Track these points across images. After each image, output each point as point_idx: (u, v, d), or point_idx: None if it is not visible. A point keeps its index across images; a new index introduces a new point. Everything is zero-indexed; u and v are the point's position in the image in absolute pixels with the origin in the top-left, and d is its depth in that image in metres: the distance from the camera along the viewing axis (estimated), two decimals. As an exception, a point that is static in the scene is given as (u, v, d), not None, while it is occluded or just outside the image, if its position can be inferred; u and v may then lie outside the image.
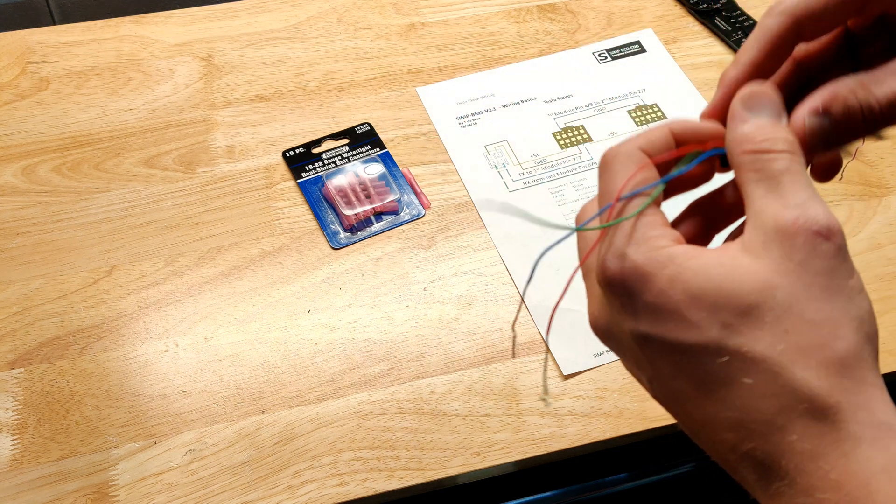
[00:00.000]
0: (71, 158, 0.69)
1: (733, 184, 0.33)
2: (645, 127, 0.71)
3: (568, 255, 0.65)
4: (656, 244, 0.28)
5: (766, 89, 0.30)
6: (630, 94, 0.74)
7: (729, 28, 0.79)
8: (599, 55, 0.78)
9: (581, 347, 0.58)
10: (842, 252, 0.27)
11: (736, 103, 0.31)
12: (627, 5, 0.82)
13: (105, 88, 0.74)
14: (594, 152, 0.70)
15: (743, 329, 0.27)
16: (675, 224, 0.34)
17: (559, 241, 0.32)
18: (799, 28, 0.32)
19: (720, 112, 0.33)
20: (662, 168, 0.32)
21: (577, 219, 0.33)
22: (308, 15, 0.81)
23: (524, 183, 0.68)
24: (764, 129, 0.29)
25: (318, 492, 0.51)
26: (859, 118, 0.30)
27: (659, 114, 0.72)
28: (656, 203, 0.30)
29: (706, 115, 0.34)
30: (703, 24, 0.80)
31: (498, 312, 0.60)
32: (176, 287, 0.61)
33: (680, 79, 0.75)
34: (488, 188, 0.67)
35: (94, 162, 0.68)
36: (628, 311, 0.29)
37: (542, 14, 0.81)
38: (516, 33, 0.80)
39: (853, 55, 0.34)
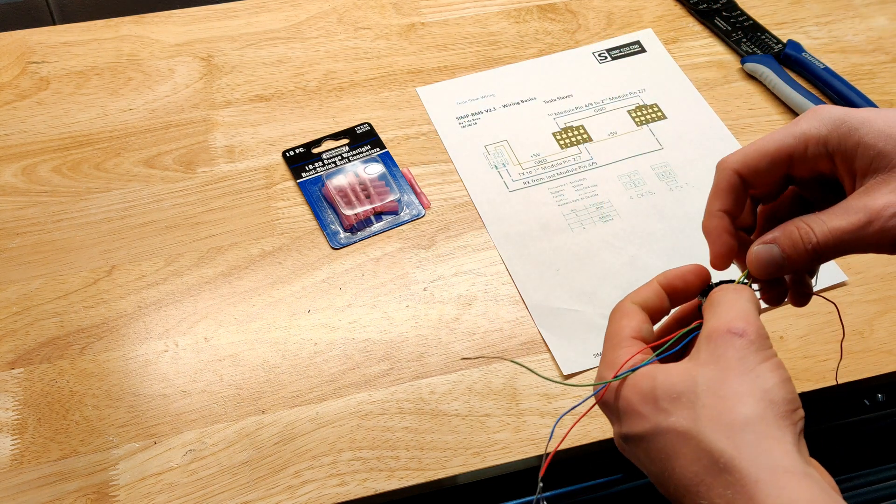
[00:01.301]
0: (71, 158, 0.69)
1: None
2: (645, 128, 0.71)
3: (567, 256, 0.65)
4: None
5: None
6: (630, 93, 0.74)
7: (729, 28, 0.79)
8: (599, 55, 0.78)
9: (581, 347, 0.58)
10: (754, 345, 0.34)
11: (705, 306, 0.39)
12: (627, 5, 0.82)
13: (105, 88, 0.74)
14: (594, 152, 0.70)
15: (673, 410, 0.34)
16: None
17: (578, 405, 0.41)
18: (743, 179, 0.39)
19: (727, 257, 0.41)
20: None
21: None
22: (308, 15, 0.81)
23: (524, 183, 0.68)
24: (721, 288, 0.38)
25: (318, 492, 0.51)
26: (802, 250, 0.37)
27: (659, 113, 0.72)
28: (636, 336, 0.39)
29: (717, 265, 0.41)
30: (703, 24, 0.80)
31: (498, 312, 0.60)
32: (176, 287, 0.61)
33: (680, 79, 0.75)
34: (488, 188, 0.67)
35: (94, 162, 0.68)
36: (612, 420, 0.38)
37: (542, 14, 0.81)
38: (516, 33, 0.80)
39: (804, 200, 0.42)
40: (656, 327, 0.41)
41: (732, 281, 0.40)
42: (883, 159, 0.37)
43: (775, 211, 0.43)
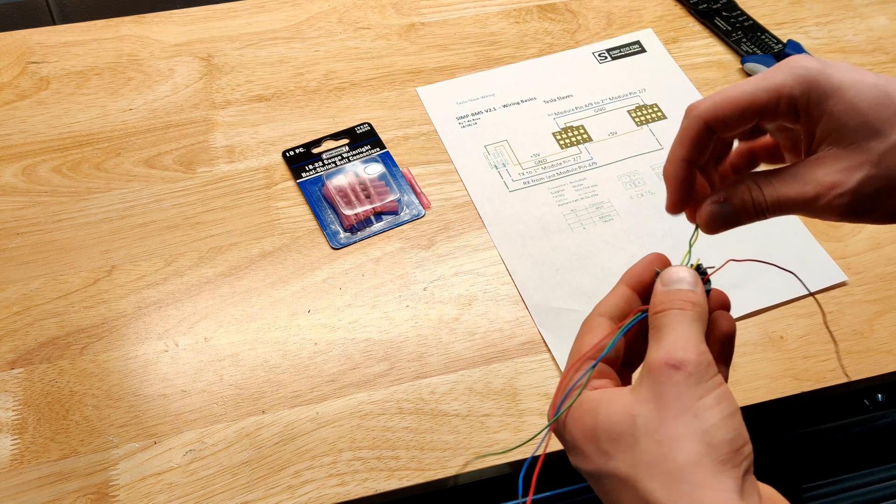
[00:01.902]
0: (71, 158, 0.69)
1: None
2: (645, 128, 0.71)
3: (567, 256, 0.65)
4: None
5: (682, 268, 0.38)
6: (630, 93, 0.74)
7: (729, 28, 0.79)
8: (599, 55, 0.78)
9: (581, 347, 0.57)
10: (692, 378, 0.33)
11: (657, 281, 0.38)
12: (627, 5, 0.82)
13: (105, 88, 0.74)
14: (594, 152, 0.70)
15: (614, 453, 0.33)
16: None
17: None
18: (709, 128, 0.39)
19: (681, 205, 0.41)
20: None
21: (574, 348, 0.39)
22: (308, 15, 0.81)
23: (524, 183, 0.68)
24: (661, 295, 0.37)
25: (318, 492, 0.51)
26: (752, 211, 0.38)
27: (659, 113, 0.72)
28: (594, 356, 0.38)
29: (671, 211, 0.41)
30: (703, 24, 0.80)
31: (498, 312, 0.60)
32: (176, 287, 0.61)
33: (680, 79, 0.75)
34: (488, 188, 0.67)
35: (94, 162, 0.68)
36: (565, 448, 0.37)
37: (542, 14, 0.81)
38: (516, 33, 0.80)
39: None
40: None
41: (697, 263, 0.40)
42: (843, 134, 0.37)
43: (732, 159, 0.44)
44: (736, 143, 0.43)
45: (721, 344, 0.39)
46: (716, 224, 0.39)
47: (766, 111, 0.38)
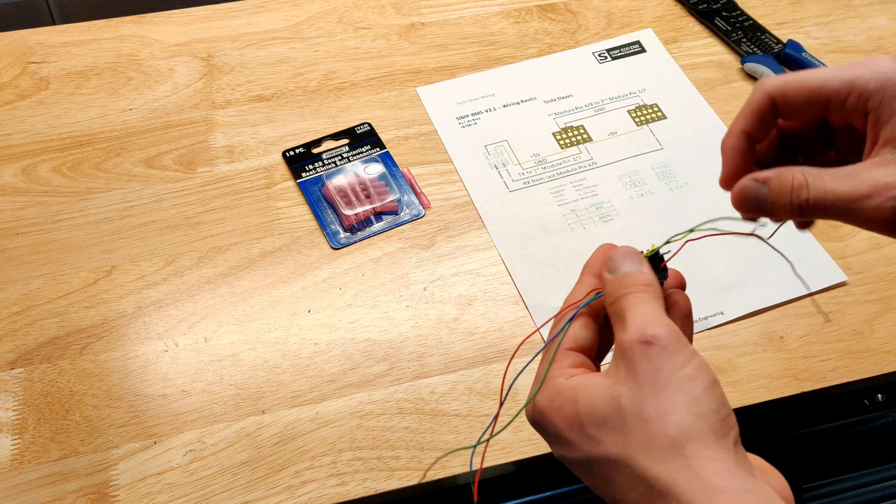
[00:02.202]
0: (71, 158, 0.69)
1: None
2: (645, 128, 0.71)
3: (567, 256, 0.65)
4: (553, 383, 0.36)
5: (622, 250, 0.37)
6: (630, 93, 0.74)
7: (729, 28, 0.79)
8: (599, 55, 0.78)
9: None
10: (666, 350, 0.33)
11: (603, 269, 0.37)
12: (627, 5, 0.82)
13: (105, 88, 0.74)
14: (594, 152, 0.70)
15: (601, 437, 0.33)
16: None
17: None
18: (775, 107, 0.37)
19: (734, 180, 0.38)
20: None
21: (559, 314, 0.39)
22: (308, 15, 0.81)
23: (524, 183, 0.67)
24: (613, 283, 0.36)
25: (318, 492, 0.51)
26: (787, 201, 0.36)
27: (659, 113, 0.72)
28: (572, 346, 0.37)
29: (723, 185, 0.39)
30: (703, 24, 0.80)
31: (498, 312, 0.60)
32: (176, 287, 0.61)
33: (680, 79, 0.75)
34: (488, 188, 0.67)
35: (94, 162, 0.68)
36: (547, 440, 0.36)
37: (542, 14, 0.81)
38: (516, 33, 0.80)
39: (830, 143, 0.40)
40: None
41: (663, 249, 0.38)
42: None
43: (796, 136, 0.41)
44: None
45: (682, 320, 0.38)
46: (746, 203, 0.37)
47: (834, 101, 0.36)
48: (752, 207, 0.37)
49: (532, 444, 0.53)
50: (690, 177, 0.68)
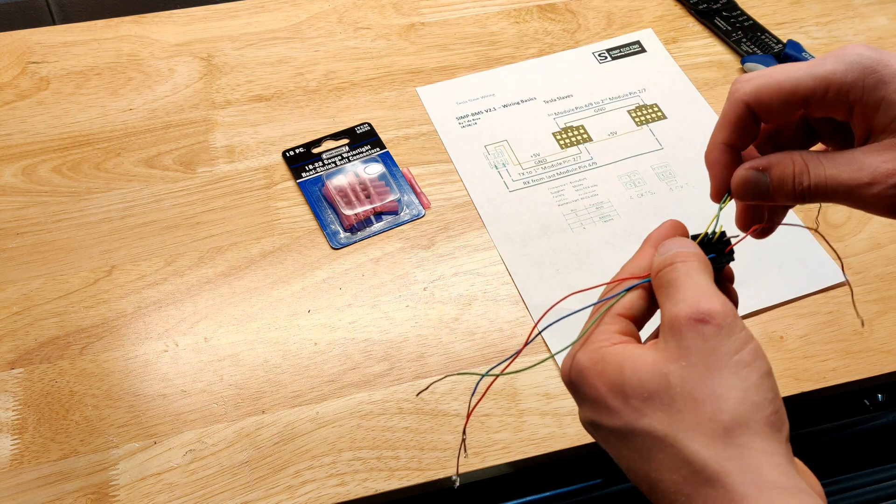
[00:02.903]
0: (71, 158, 0.69)
1: None
2: (645, 128, 0.71)
3: (567, 256, 0.65)
4: (598, 346, 0.34)
5: (669, 241, 0.36)
6: (630, 93, 0.74)
7: (729, 28, 0.79)
8: (599, 55, 0.78)
9: (581, 347, 0.57)
10: (723, 331, 0.31)
11: (656, 254, 0.37)
12: (627, 5, 0.82)
13: (105, 88, 0.74)
14: (594, 152, 0.70)
15: (647, 411, 0.31)
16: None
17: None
18: (752, 112, 0.37)
19: (722, 193, 0.39)
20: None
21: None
22: (308, 15, 0.81)
23: (524, 183, 0.68)
24: (661, 256, 0.36)
25: (318, 492, 0.51)
26: (790, 188, 0.35)
27: (659, 113, 0.72)
28: (624, 313, 0.36)
29: (715, 199, 0.39)
30: (703, 23, 0.80)
31: (498, 312, 0.60)
32: (176, 287, 0.61)
33: (680, 79, 0.75)
34: (488, 188, 0.67)
35: (94, 162, 0.68)
36: (578, 402, 0.35)
37: (542, 14, 0.81)
38: (516, 33, 0.80)
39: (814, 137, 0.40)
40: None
41: (709, 236, 0.37)
42: None
43: (778, 132, 0.41)
44: None
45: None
46: (748, 192, 0.37)
47: (811, 99, 0.36)
48: (754, 195, 0.37)
49: (532, 444, 0.53)
50: (690, 177, 0.68)
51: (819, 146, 0.40)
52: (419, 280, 0.61)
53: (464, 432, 0.52)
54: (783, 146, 0.40)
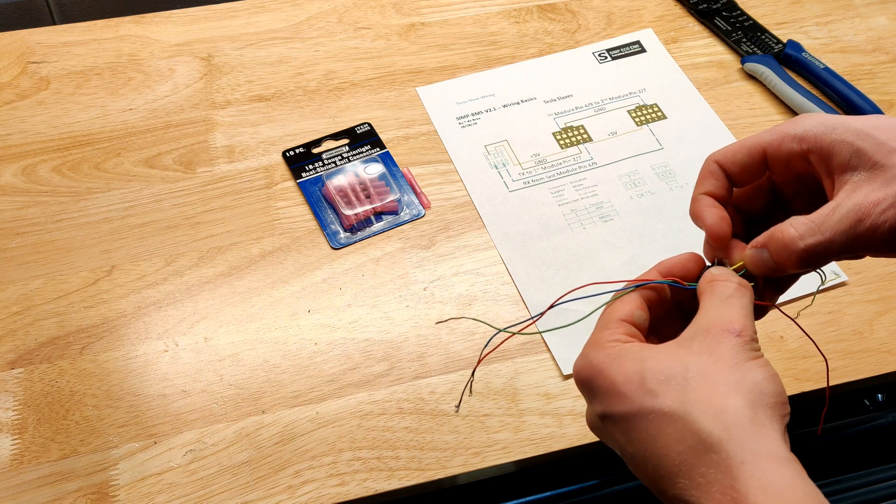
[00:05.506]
0: (71, 158, 0.69)
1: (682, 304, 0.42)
2: (645, 128, 0.71)
3: (567, 256, 0.65)
4: (612, 344, 0.37)
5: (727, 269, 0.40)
6: (630, 93, 0.74)
7: (729, 28, 0.79)
8: (599, 55, 0.78)
9: (581, 347, 0.57)
10: (747, 346, 0.35)
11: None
12: (627, 5, 0.82)
13: (105, 88, 0.74)
14: (594, 152, 0.70)
15: (660, 392, 0.34)
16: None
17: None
18: (722, 168, 0.40)
19: (714, 232, 0.41)
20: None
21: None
22: (308, 15, 0.81)
23: (524, 183, 0.68)
24: (723, 272, 0.39)
25: (318, 492, 0.51)
26: (789, 255, 0.37)
27: (659, 113, 0.72)
28: (626, 319, 0.39)
29: (713, 240, 0.41)
30: (703, 23, 0.80)
31: (498, 312, 0.60)
32: (176, 287, 0.61)
33: (680, 79, 0.75)
34: (488, 188, 0.67)
35: (94, 162, 0.68)
36: (590, 398, 0.38)
37: (542, 14, 0.81)
38: (516, 33, 0.80)
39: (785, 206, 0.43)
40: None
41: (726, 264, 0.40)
42: (862, 156, 0.36)
43: (750, 210, 0.43)
44: None
45: None
46: (760, 270, 0.39)
47: (769, 152, 0.39)
48: (767, 272, 0.39)
49: (532, 444, 0.53)
50: (690, 177, 0.68)
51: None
52: (419, 280, 0.61)
53: (472, 374, 0.55)
54: (757, 222, 0.43)
